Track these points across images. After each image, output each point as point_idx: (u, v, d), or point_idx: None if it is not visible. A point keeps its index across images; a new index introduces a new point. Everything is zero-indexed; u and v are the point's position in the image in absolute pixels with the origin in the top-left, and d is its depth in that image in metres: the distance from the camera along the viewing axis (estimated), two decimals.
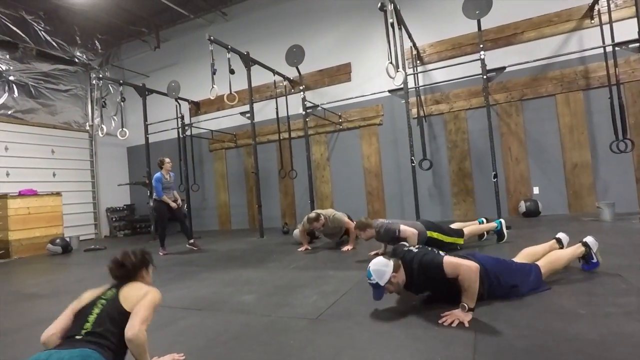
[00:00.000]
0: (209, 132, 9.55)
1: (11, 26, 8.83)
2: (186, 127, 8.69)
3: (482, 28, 5.81)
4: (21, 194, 7.72)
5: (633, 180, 6.26)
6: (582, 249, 2.81)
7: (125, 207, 11.39)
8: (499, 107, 7.04)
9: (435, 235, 4.04)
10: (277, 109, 8.34)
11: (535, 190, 6.88)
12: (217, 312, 2.71)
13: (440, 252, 2.41)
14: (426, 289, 2.48)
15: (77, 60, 10.61)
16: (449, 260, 2.25)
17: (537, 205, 6.56)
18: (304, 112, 7.46)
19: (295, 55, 7.32)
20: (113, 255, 1.96)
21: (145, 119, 8.87)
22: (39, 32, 9.42)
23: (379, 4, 5.14)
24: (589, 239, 2.82)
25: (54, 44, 9.85)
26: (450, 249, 3.92)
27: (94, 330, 1.74)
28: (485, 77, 5.50)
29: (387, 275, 2.24)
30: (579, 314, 2.07)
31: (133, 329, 1.73)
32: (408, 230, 3.86)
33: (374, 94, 7.29)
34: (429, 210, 7.49)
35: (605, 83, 6.16)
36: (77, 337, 1.71)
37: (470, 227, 4.38)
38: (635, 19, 5.28)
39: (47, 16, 9.56)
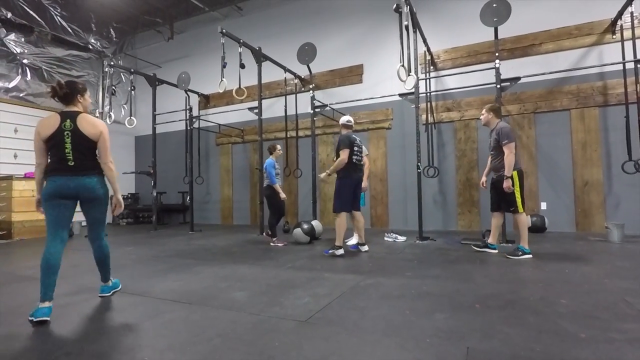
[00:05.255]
0: (216, 125, 9.53)
1: (28, 10, 8.91)
2: (194, 120, 8.67)
3: (499, 37, 5.68)
4: (26, 177, 7.74)
5: None
6: None
7: (129, 195, 11.42)
8: (512, 119, 6.91)
9: None
10: (285, 106, 8.29)
11: (543, 205, 6.73)
12: (206, 307, 2.65)
13: None
14: None
15: (91, 47, 10.69)
16: None
17: (543, 220, 6.40)
18: (312, 111, 7.38)
19: (307, 53, 7.26)
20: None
21: (154, 109, 8.88)
22: (55, 17, 9.50)
23: (395, 5, 5.05)
24: None
25: (69, 29, 9.92)
26: None
27: (77, 159, 2.63)
28: (499, 86, 5.37)
29: None
30: (580, 338, 1.96)
31: (110, 162, 2.79)
32: None
33: (385, 96, 7.19)
34: (433, 218, 7.38)
35: (622, 101, 6.00)
36: (70, 164, 2.62)
37: None
38: None
39: (64, 1, 9.63)
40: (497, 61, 5.43)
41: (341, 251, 4.60)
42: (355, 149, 4.73)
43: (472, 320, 2.23)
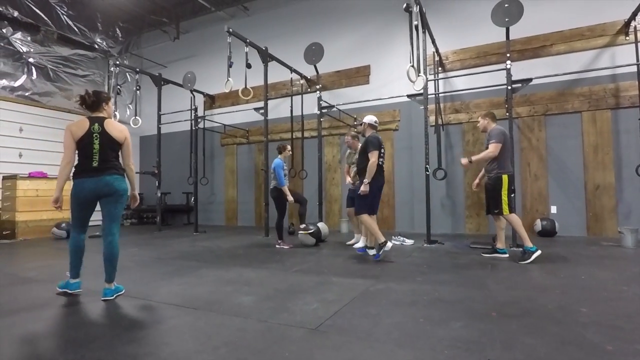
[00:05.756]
0: (221, 126, 9.47)
1: (34, 8, 8.89)
2: (199, 120, 8.60)
3: (510, 38, 5.57)
4: (31, 176, 7.71)
5: None
6: None
7: None
8: (521, 121, 6.79)
9: None
10: (291, 107, 8.21)
11: (553, 209, 6.60)
12: (212, 313, 2.56)
13: None
14: None
15: (97, 46, 10.67)
16: None
17: (554, 224, 6.28)
18: (318, 112, 7.30)
19: (314, 53, 7.18)
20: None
21: (159, 109, 8.83)
22: (61, 16, 9.48)
23: (405, 5, 4.97)
24: None
25: (75, 29, 9.90)
26: None
27: (104, 159, 2.97)
28: (510, 87, 5.26)
29: None
30: (606, 350, 1.86)
31: (132, 164, 3.18)
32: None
33: (393, 97, 7.10)
34: (440, 221, 7.27)
35: (636, 103, 5.87)
36: (94, 165, 2.95)
37: None
38: None
39: (71, 1, 9.61)
40: (508, 62, 5.32)
41: (389, 244, 4.43)
42: (382, 151, 4.63)
43: (490, 330, 2.13)
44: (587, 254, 4.63)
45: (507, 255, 4.46)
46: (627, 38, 6.15)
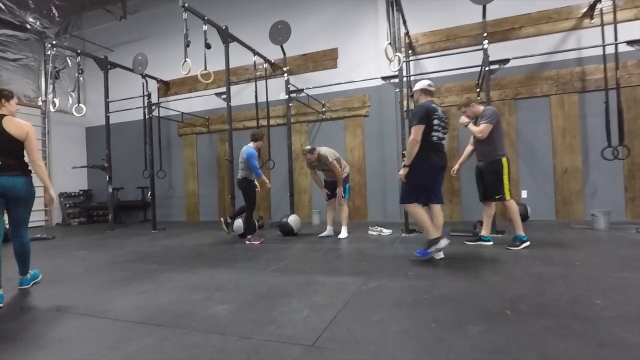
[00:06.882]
0: (178, 114, 8.74)
1: None
2: (153, 107, 7.85)
3: (480, 21, 5.37)
4: None
5: (622, 189, 6.10)
6: None
7: (81, 192, 10.39)
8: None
9: None
10: (256, 92, 7.67)
11: (524, 193, 6.63)
12: (181, 330, 2.11)
13: None
14: None
15: (29, 26, 9.48)
16: None
17: (526, 209, 6.24)
18: (287, 96, 6.83)
19: (279, 33, 6.68)
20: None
21: (107, 96, 7.96)
22: None
23: None
24: None
25: (1, 5, 8.69)
26: None
27: (6, 158, 2.84)
28: (488, 68, 5.09)
29: None
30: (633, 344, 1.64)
31: (38, 160, 3.04)
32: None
33: (366, 80, 6.74)
34: None
35: (601, 86, 5.94)
36: None
37: None
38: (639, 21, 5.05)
39: None
40: (485, 42, 5.15)
41: (444, 241, 3.48)
42: (436, 122, 3.50)
43: (513, 333, 1.86)
44: (566, 238, 4.59)
45: (491, 243, 4.31)
46: (592, 21, 6.20)
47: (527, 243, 3.98)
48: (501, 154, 4.08)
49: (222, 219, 5.73)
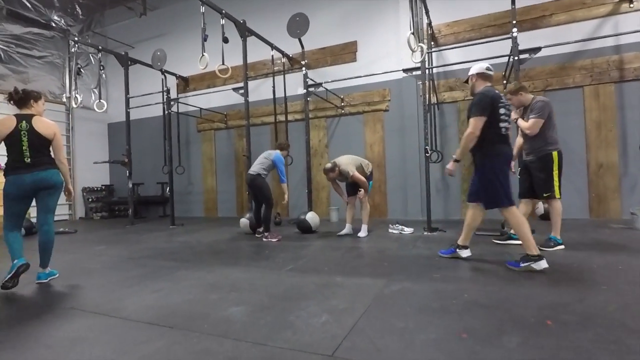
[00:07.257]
0: (197, 110, 8.72)
1: None
2: (172, 103, 7.84)
3: (505, 9, 5.06)
4: None
5: None
6: None
7: (103, 187, 10.55)
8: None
9: None
10: (274, 87, 7.55)
11: None
12: (193, 333, 2.00)
13: None
14: None
15: (54, 24, 9.64)
16: None
17: None
18: (305, 90, 6.67)
19: (298, 25, 6.52)
20: None
21: (127, 92, 8.00)
22: None
23: None
24: None
25: (27, 4, 8.89)
26: None
27: (36, 155, 3.07)
28: (516, 58, 4.80)
29: None
30: None
31: (63, 159, 3.27)
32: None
33: (386, 72, 6.46)
34: (435, 206, 6.82)
35: None
36: (27, 161, 3.04)
37: None
38: None
39: None
40: (515, 30, 4.85)
41: (542, 263, 2.94)
42: (502, 111, 3.11)
43: (557, 347, 1.66)
44: (604, 239, 4.30)
45: (521, 242, 4.05)
46: (632, 5, 5.79)
47: (561, 247, 3.73)
48: (552, 147, 3.75)
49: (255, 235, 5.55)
